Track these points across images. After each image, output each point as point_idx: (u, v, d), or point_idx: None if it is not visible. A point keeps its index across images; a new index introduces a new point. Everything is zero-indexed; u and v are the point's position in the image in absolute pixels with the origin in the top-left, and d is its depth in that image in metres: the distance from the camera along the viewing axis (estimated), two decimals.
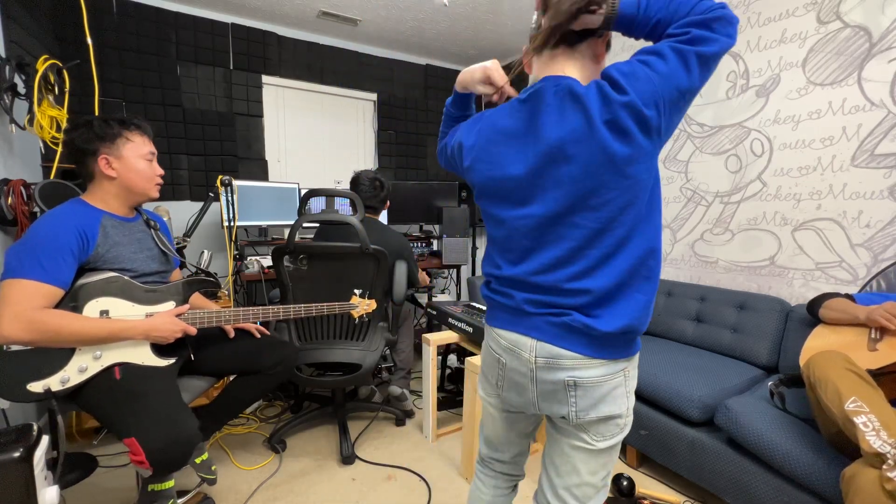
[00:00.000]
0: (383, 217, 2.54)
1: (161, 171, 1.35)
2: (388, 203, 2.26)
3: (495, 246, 0.89)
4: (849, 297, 1.54)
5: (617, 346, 0.78)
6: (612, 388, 0.79)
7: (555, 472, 0.88)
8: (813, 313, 1.61)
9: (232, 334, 1.54)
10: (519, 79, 0.86)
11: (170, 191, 2.64)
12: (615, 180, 0.71)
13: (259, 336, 1.59)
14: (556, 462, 0.88)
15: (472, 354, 1.83)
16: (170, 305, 1.32)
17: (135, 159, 1.27)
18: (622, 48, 2.32)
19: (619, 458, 1.86)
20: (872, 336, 1.37)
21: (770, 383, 1.50)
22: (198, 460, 1.29)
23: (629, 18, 0.72)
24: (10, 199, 1.61)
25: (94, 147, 1.21)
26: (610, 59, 0.81)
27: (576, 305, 0.76)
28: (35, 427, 1.07)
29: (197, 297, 1.53)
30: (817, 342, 1.50)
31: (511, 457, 1.04)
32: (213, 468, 1.33)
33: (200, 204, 2.39)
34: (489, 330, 0.93)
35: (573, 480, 0.86)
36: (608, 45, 0.83)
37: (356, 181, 2.11)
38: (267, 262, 2.42)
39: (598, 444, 0.82)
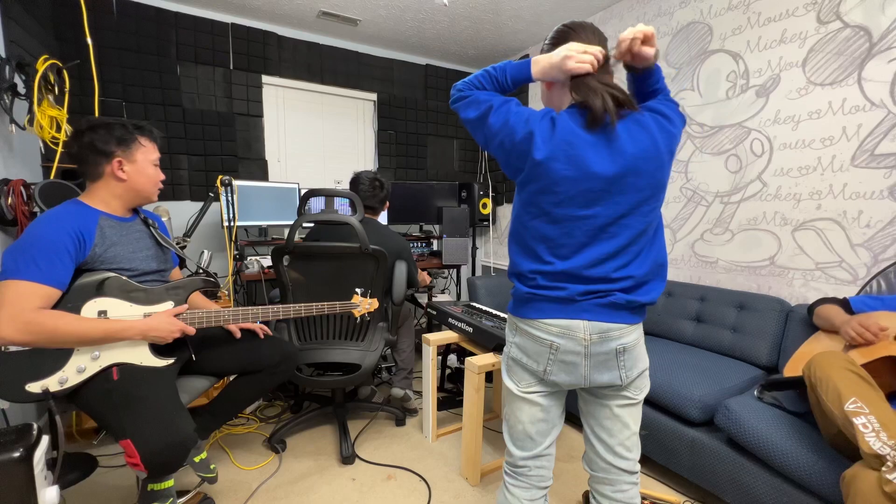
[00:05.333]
0: (383, 217, 2.54)
1: (163, 177, 1.39)
2: (388, 204, 2.26)
3: (544, 243, 0.96)
4: (845, 301, 1.54)
5: (642, 313, 0.99)
6: (641, 347, 1.00)
7: (607, 434, 1.04)
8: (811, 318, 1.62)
9: (238, 335, 1.55)
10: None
11: (170, 191, 2.64)
12: (660, 192, 0.94)
13: (262, 336, 1.59)
14: (606, 426, 1.04)
15: (472, 354, 1.83)
16: (168, 305, 1.32)
17: (146, 164, 1.31)
18: None
19: None
20: None
21: (755, 391, 1.51)
22: (196, 459, 1.29)
23: (654, 71, 0.97)
24: (10, 199, 1.61)
25: (111, 149, 1.24)
26: None
27: (618, 288, 0.93)
28: (35, 427, 1.07)
29: (197, 297, 1.54)
30: (807, 349, 1.52)
31: (548, 445, 1.08)
32: (211, 466, 1.33)
33: (200, 204, 2.40)
34: (531, 322, 0.99)
35: (625, 435, 1.03)
36: None
37: (356, 181, 2.12)
38: (267, 262, 2.42)
39: (638, 396, 1.02)
